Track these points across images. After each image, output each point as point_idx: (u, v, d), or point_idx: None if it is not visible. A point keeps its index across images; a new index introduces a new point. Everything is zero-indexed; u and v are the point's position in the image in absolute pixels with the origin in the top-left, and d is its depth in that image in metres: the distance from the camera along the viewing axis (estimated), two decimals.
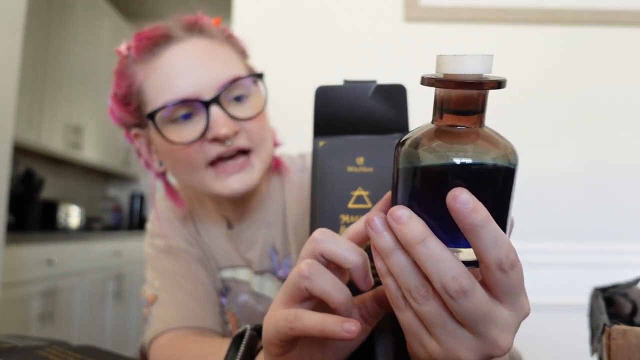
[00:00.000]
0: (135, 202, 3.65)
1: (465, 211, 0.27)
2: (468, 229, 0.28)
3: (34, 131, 2.50)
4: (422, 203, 0.30)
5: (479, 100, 0.30)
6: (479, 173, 0.29)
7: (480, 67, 0.28)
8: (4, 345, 0.46)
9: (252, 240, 0.71)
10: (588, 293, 0.60)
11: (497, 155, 0.29)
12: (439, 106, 0.31)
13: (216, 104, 0.60)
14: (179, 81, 0.60)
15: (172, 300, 0.67)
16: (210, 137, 0.60)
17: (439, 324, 0.30)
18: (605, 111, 1.36)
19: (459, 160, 0.29)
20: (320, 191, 0.43)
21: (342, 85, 0.44)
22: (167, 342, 0.63)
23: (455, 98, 0.30)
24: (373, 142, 0.43)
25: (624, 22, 1.36)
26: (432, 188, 0.29)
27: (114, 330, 2.81)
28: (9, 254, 1.88)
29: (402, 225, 0.29)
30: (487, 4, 1.36)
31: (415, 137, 0.31)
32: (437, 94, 0.31)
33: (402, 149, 0.31)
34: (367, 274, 0.36)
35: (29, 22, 2.13)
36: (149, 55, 0.63)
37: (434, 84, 0.29)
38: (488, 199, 0.29)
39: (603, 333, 0.39)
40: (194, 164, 0.62)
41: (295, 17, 1.38)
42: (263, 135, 0.64)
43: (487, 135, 0.30)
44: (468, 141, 0.30)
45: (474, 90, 0.29)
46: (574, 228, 1.32)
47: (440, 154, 0.29)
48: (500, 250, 0.28)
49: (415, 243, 0.29)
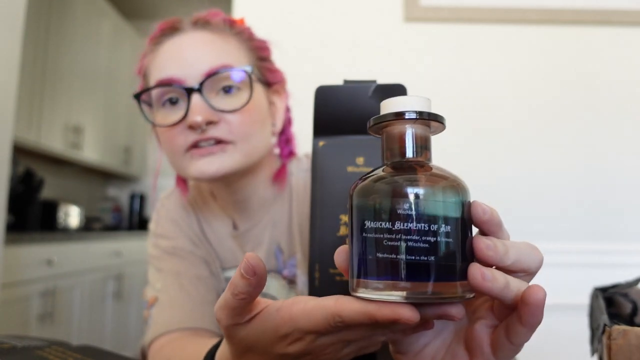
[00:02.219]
0: (135, 202, 3.65)
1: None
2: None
3: (34, 131, 2.50)
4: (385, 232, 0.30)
5: (423, 137, 0.33)
6: (433, 201, 0.30)
7: (422, 106, 0.32)
8: (3, 345, 0.46)
9: (258, 240, 0.71)
10: (588, 293, 0.60)
11: (447, 185, 0.30)
12: (389, 146, 0.33)
13: (197, 92, 0.61)
14: (167, 66, 0.63)
15: (172, 303, 0.67)
16: (187, 122, 0.61)
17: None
18: (605, 111, 1.36)
19: (412, 189, 0.30)
20: (320, 191, 0.43)
21: (342, 85, 0.44)
22: (165, 344, 0.63)
23: (401, 136, 0.33)
24: (373, 142, 0.43)
25: (624, 22, 1.36)
26: (382, 216, 0.30)
27: (114, 330, 2.81)
28: (8, 254, 1.88)
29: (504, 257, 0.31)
30: (487, 4, 1.36)
31: (370, 175, 0.32)
32: (384, 135, 0.34)
33: (359, 184, 0.32)
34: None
35: (29, 21, 2.13)
36: (154, 44, 0.66)
37: (383, 121, 0.33)
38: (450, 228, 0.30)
39: (603, 333, 0.39)
40: (175, 148, 0.64)
41: (295, 17, 1.38)
42: (247, 130, 0.63)
43: (437, 170, 0.32)
44: (420, 172, 0.31)
45: (418, 125, 0.33)
46: (574, 228, 1.32)
47: (397, 184, 0.30)
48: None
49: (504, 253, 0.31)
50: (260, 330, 0.33)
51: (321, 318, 0.31)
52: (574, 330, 0.94)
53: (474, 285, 0.29)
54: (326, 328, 0.31)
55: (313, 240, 0.43)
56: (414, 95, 0.33)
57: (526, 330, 0.31)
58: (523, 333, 0.31)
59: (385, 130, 0.33)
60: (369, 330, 0.32)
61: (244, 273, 0.31)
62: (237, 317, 0.33)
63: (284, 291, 0.71)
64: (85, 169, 3.43)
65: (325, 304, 0.31)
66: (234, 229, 0.73)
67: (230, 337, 0.35)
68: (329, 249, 0.42)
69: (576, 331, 0.90)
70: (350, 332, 0.32)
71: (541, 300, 0.30)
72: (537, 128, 1.36)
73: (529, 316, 0.30)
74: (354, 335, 0.33)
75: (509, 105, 1.36)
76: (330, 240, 0.42)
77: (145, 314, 0.69)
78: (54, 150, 2.71)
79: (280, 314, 0.33)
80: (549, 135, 1.36)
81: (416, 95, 0.33)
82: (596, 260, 1.29)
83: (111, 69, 3.32)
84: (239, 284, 0.32)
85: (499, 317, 0.34)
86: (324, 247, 0.42)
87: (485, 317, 0.34)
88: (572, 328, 0.98)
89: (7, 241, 1.83)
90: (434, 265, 0.29)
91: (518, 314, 0.31)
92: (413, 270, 0.29)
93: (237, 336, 0.35)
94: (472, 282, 0.29)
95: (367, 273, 0.30)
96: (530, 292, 0.30)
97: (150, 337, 0.65)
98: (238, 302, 0.32)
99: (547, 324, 1.31)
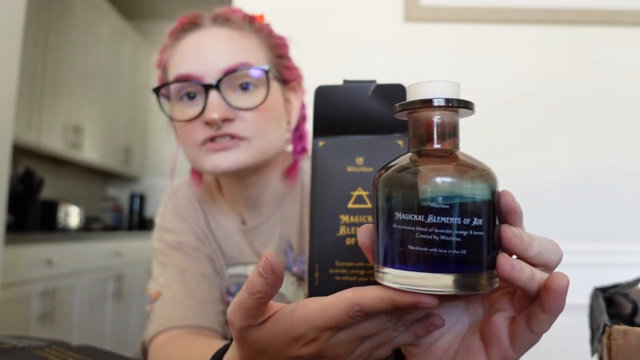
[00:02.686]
0: (135, 202, 3.65)
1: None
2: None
3: (34, 131, 2.50)
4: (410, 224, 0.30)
5: (451, 124, 0.32)
6: (461, 192, 0.29)
7: (451, 92, 0.31)
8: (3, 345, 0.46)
9: (269, 236, 0.72)
10: (588, 293, 0.60)
11: (476, 175, 0.30)
12: (416, 133, 0.32)
13: (215, 89, 0.62)
14: (186, 61, 0.64)
15: (175, 299, 0.67)
16: (204, 119, 0.62)
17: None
18: (606, 111, 1.36)
19: (441, 180, 0.29)
20: (320, 191, 0.43)
21: (341, 85, 0.44)
22: (166, 341, 0.63)
23: (428, 123, 0.32)
24: (373, 142, 0.43)
25: (624, 22, 1.36)
26: (414, 208, 0.30)
27: (114, 330, 2.81)
28: (8, 254, 1.88)
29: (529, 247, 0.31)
30: (487, 4, 1.36)
31: (395, 163, 0.32)
32: (411, 121, 0.33)
33: (384, 173, 0.32)
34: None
35: (29, 22, 2.13)
36: (175, 39, 0.67)
37: (406, 109, 0.32)
38: (474, 217, 0.30)
39: (603, 333, 0.39)
40: (191, 142, 0.65)
41: (295, 17, 1.38)
42: (262, 128, 0.64)
43: (465, 158, 0.31)
44: (447, 162, 0.31)
45: (446, 112, 0.32)
46: (574, 228, 1.32)
47: (423, 174, 0.30)
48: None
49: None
50: (273, 332, 0.33)
51: (338, 311, 0.31)
52: (574, 330, 0.94)
53: (502, 275, 0.30)
54: (344, 321, 0.31)
55: (313, 241, 0.43)
56: (443, 80, 0.31)
57: (548, 317, 0.31)
58: (545, 321, 0.31)
59: (412, 117, 0.33)
60: (386, 321, 0.32)
61: (262, 272, 0.31)
62: (251, 318, 0.33)
63: (293, 288, 0.71)
64: (85, 169, 3.43)
65: (342, 297, 0.31)
66: (243, 224, 0.73)
67: (242, 340, 0.35)
68: (329, 249, 0.42)
69: (576, 331, 0.90)
70: (367, 325, 0.32)
71: (564, 287, 0.30)
72: (537, 128, 1.36)
73: (551, 303, 0.30)
74: (370, 329, 0.32)
75: (509, 105, 1.36)
76: (330, 240, 0.42)
77: (148, 308, 0.69)
78: (54, 150, 2.71)
79: (295, 314, 0.32)
80: (548, 135, 1.36)
81: (445, 80, 0.31)
82: (596, 260, 1.28)
83: (111, 69, 3.32)
84: (257, 283, 0.31)
85: (519, 308, 0.34)
86: (324, 247, 0.42)
87: (505, 309, 0.34)
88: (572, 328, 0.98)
89: (7, 241, 1.83)
90: (464, 258, 0.29)
91: (540, 301, 0.31)
92: (442, 262, 0.29)
93: (250, 339, 0.34)
94: (501, 272, 0.30)
95: (394, 262, 0.30)
96: (553, 279, 0.30)
97: (151, 333, 0.65)
98: (255, 301, 0.32)
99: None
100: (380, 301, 0.30)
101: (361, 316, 0.31)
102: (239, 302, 0.33)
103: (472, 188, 0.30)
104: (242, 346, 0.36)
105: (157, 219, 0.77)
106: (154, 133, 3.94)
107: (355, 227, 0.42)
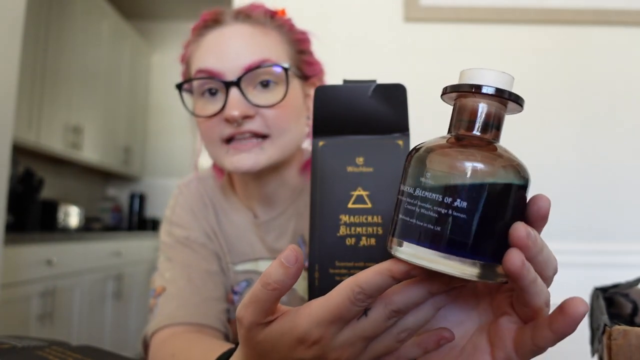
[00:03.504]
0: (135, 202, 3.64)
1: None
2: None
3: (34, 131, 2.50)
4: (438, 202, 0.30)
5: (496, 115, 0.32)
6: (482, 180, 0.29)
7: (503, 83, 0.30)
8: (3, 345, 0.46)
9: (282, 230, 0.72)
10: (588, 293, 0.60)
11: (506, 165, 0.30)
12: (458, 117, 0.32)
13: (235, 86, 0.63)
14: (208, 57, 0.65)
15: (179, 295, 0.67)
16: (224, 116, 0.63)
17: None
18: (605, 111, 1.36)
19: (470, 164, 0.29)
20: (320, 191, 0.43)
21: (341, 85, 0.44)
22: (168, 336, 0.63)
23: (473, 109, 0.31)
24: (373, 142, 0.43)
25: (624, 22, 1.36)
26: (441, 191, 0.30)
27: (114, 330, 2.81)
28: (8, 254, 1.88)
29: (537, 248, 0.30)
30: (487, 4, 1.36)
31: (429, 144, 0.32)
32: (457, 105, 0.32)
33: (418, 152, 0.31)
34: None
35: (29, 22, 2.13)
36: (198, 35, 0.68)
37: (458, 91, 0.31)
38: (493, 208, 0.29)
39: (604, 333, 0.39)
40: (212, 138, 0.66)
41: (295, 17, 1.37)
42: (282, 125, 0.65)
43: (501, 150, 0.31)
44: (481, 149, 0.30)
45: (494, 102, 0.31)
46: (574, 228, 1.32)
47: (452, 157, 0.30)
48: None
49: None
50: (278, 332, 0.33)
51: (341, 297, 0.31)
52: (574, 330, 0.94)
53: (510, 268, 0.29)
54: (347, 307, 0.31)
55: (313, 241, 0.43)
56: (497, 70, 0.31)
57: (554, 337, 0.31)
58: (549, 339, 0.31)
59: (459, 101, 0.32)
60: (385, 319, 0.32)
61: (285, 261, 0.31)
62: (261, 314, 0.33)
63: (304, 283, 0.71)
64: (85, 169, 3.43)
65: (342, 284, 0.31)
66: (255, 218, 0.74)
67: (248, 339, 0.35)
68: (329, 249, 0.42)
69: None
70: (367, 323, 0.32)
71: (582, 314, 0.29)
72: (536, 127, 1.36)
73: (563, 326, 0.30)
74: (370, 327, 0.32)
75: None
76: (330, 240, 0.42)
77: (152, 302, 0.69)
78: (54, 150, 2.71)
79: (299, 312, 0.32)
80: (548, 135, 1.36)
81: (499, 71, 0.31)
82: (596, 260, 1.28)
83: (111, 69, 3.32)
84: (275, 273, 0.31)
85: (519, 313, 0.34)
86: (324, 248, 0.42)
87: (509, 313, 0.34)
88: None
89: (7, 241, 1.83)
90: (471, 244, 0.29)
91: (551, 319, 0.30)
92: (451, 244, 0.29)
93: (255, 338, 0.34)
94: (509, 266, 0.29)
95: (406, 235, 0.30)
96: (572, 304, 0.29)
97: (153, 327, 0.65)
98: (268, 293, 0.32)
99: None
100: (378, 274, 0.30)
101: (362, 298, 0.30)
102: (251, 296, 0.33)
103: (498, 177, 0.29)
104: (247, 347, 0.35)
105: (167, 212, 0.77)
106: (154, 133, 3.94)
107: (355, 227, 0.42)
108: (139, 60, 3.77)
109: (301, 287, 0.71)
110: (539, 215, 0.31)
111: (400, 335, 0.33)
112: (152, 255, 3.18)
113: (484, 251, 0.30)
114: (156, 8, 3.80)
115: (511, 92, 0.31)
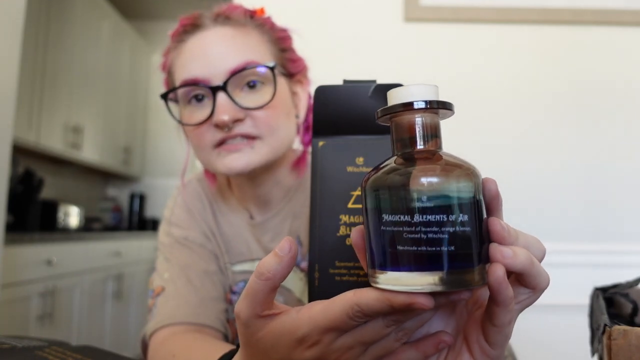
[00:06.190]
0: (135, 202, 3.65)
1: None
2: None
3: (34, 131, 2.50)
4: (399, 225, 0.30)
5: (432, 125, 0.33)
6: (448, 191, 0.30)
7: (430, 94, 0.32)
8: (3, 345, 0.46)
9: (278, 231, 0.72)
10: (588, 293, 0.60)
11: (461, 174, 0.30)
12: (398, 137, 0.33)
13: (222, 90, 0.62)
14: (192, 65, 0.64)
15: (178, 295, 0.67)
16: (213, 121, 0.62)
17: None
18: (606, 111, 1.36)
19: (427, 180, 0.30)
20: (320, 191, 0.43)
21: (341, 85, 0.44)
22: (167, 337, 0.63)
23: (410, 125, 0.33)
24: (373, 142, 0.43)
25: (624, 22, 1.36)
26: (401, 209, 0.30)
27: (114, 330, 2.81)
28: (8, 254, 1.88)
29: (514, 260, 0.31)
30: (487, 4, 1.36)
31: (381, 166, 0.32)
32: (393, 125, 0.34)
33: (372, 176, 0.32)
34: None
35: (29, 22, 2.13)
36: (178, 41, 0.67)
37: (388, 114, 0.33)
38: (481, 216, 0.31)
39: (604, 333, 0.39)
40: (202, 144, 0.65)
41: (295, 17, 1.38)
42: (272, 125, 0.64)
43: (448, 157, 0.32)
44: (432, 162, 0.31)
45: (427, 114, 0.32)
46: (574, 228, 1.32)
47: (412, 175, 0.30)
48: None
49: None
50: (278, 332, 0.33)
51: (340, 311, 0.31)
52: (574, 330, 0.94)
53: (494, 282, 0.30)
54: (345, 321, 0.31)
55: (313, 241, 0.43)
56: (421, 84, 0.32)
57: (500, 309, 0.31)
58: (501, 313, 0.31)
59: (394, 121, 0.33)
60: (384, 326, 0.32)
61: (279, 251, 0.32)
62: (257, 306, 0.33)
63: (301, 284, 0.71)
64: (85, 169, 3.43)
65: (344, 297, 0.31)
66: (251, 219, 0.74)
67: (248, 335, 0.35)
68: (329, 249, 0.42)
69: (576, 331, 0.90)
70: (366, 330, 0.32)
71: (500, 277, 0.30)
72: (536, 128, 1.36)
73: (495, 294, 0.30)
74: (368, 334, 0.32)
75: (509, 105, 1.36)
76: (330, 240, 0.42)
77: (150, 302, 0.69)
78: (54, 150, 2.71)
79: (300, 314, 0.33)
80: (548, 135, 1.36)
81: (423, 84, 0.32)
82: (596, 260, 1.29)
83: (111, 69, 3.32)
84: (268, 263, 0.32)
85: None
86: (324, 248, 0.42)
87: (484, 306, 0.35)
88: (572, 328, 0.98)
89: (7, 241, 1.83)
90: (453, 254, 0.29)
91: (490, 295, 0.31)
92: (433, 260, 0.29)
93: (255, 335, 0.34)
94: (494, 262, 0.30)
95: (386, 264, 0.30)
96: (489, 272, 0.30)
97: (152, 327, 0.65)
98: (262, 284, 0.32)
99: (547, 324, 1.32)
100: (378, 302, 0.30)
101: (360, 317, 0.31)
102: (247, 289, 0.33)
103: (457, 186, 0.30)
104: (247, 345, 0.36)
105: (166, 212, 0.77)
106: (154, 133, 3.94)
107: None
108: (139, 60, 3.77)
109: (298, 289, 0.71)
110: (492, 195, 0.32)
111: (399, 335, 0.34)
112: (152, 255, 3.18)
113: (484, 257, 0.30)
114: (156, 8, 3.80)
115: (439, 100, 0.32)
